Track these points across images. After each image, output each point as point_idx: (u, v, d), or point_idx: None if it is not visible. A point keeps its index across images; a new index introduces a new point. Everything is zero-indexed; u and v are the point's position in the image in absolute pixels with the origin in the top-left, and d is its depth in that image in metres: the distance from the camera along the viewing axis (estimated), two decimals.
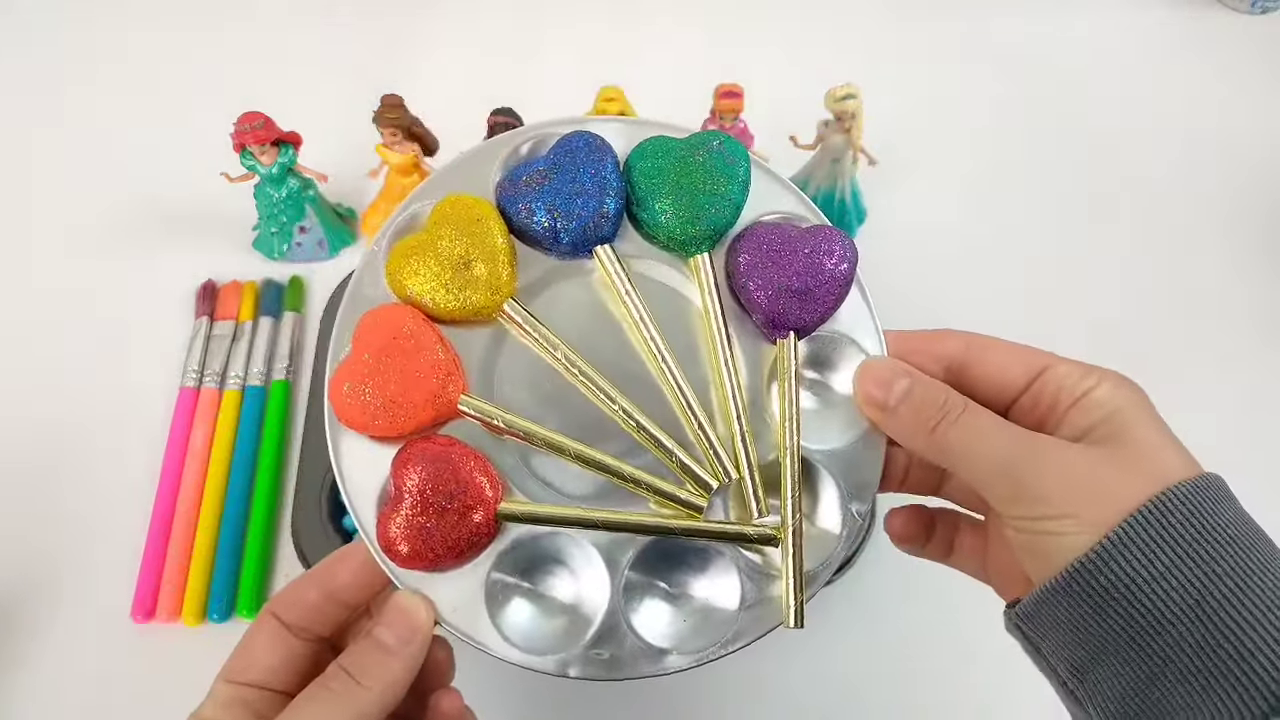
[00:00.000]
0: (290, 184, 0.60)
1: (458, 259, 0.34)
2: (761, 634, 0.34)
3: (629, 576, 0.33)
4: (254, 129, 0.56)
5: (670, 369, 0.35)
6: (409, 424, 0.33)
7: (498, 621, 0.33)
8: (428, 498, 0.32)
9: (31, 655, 0.51)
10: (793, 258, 0.35)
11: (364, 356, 0.33)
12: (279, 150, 0.58)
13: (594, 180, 0.35)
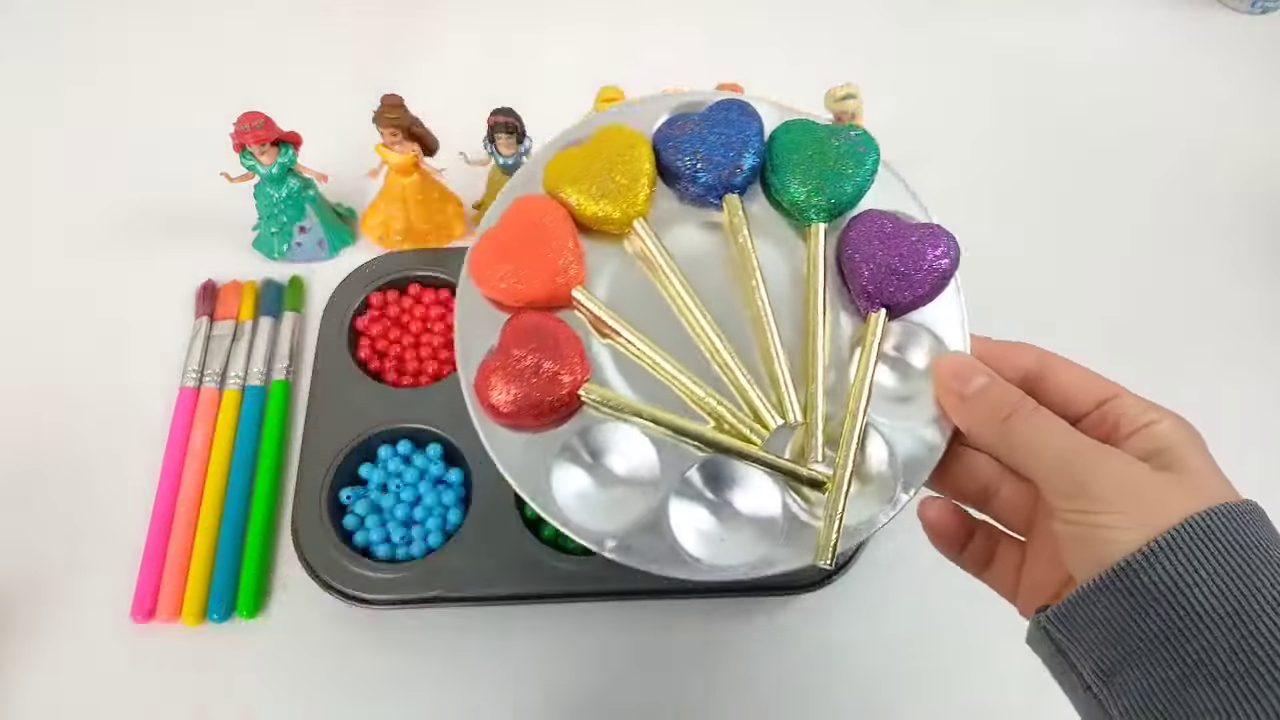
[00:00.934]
0: (290, 184, 0.60)
1: (605, 174, 0.39)
2: (791, 567, 0.35)
3: (681, 485, 0.36)
4: (254, 129, 0.56)
5: (767, 314, 0.38)
6: (527, 294, 0.37)
7: (556, 489, 0.36)
8: (525, 356, 0.36)
9: (31, 655, 0.51)
10: (900, 242, 0.38)
11: (508, 230, 0.38)
12: (279, 150, 0.58)
13: (739, 137, 0.39)
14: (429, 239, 0.63)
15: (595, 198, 0.38)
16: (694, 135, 0.39)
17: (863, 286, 0.38)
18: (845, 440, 0.36)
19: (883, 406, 0.37)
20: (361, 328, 0.60)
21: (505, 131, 0.57)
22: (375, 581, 0.50)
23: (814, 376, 0.37)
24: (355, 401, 0.56)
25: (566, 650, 0.52)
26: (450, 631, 0.52)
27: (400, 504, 0.53)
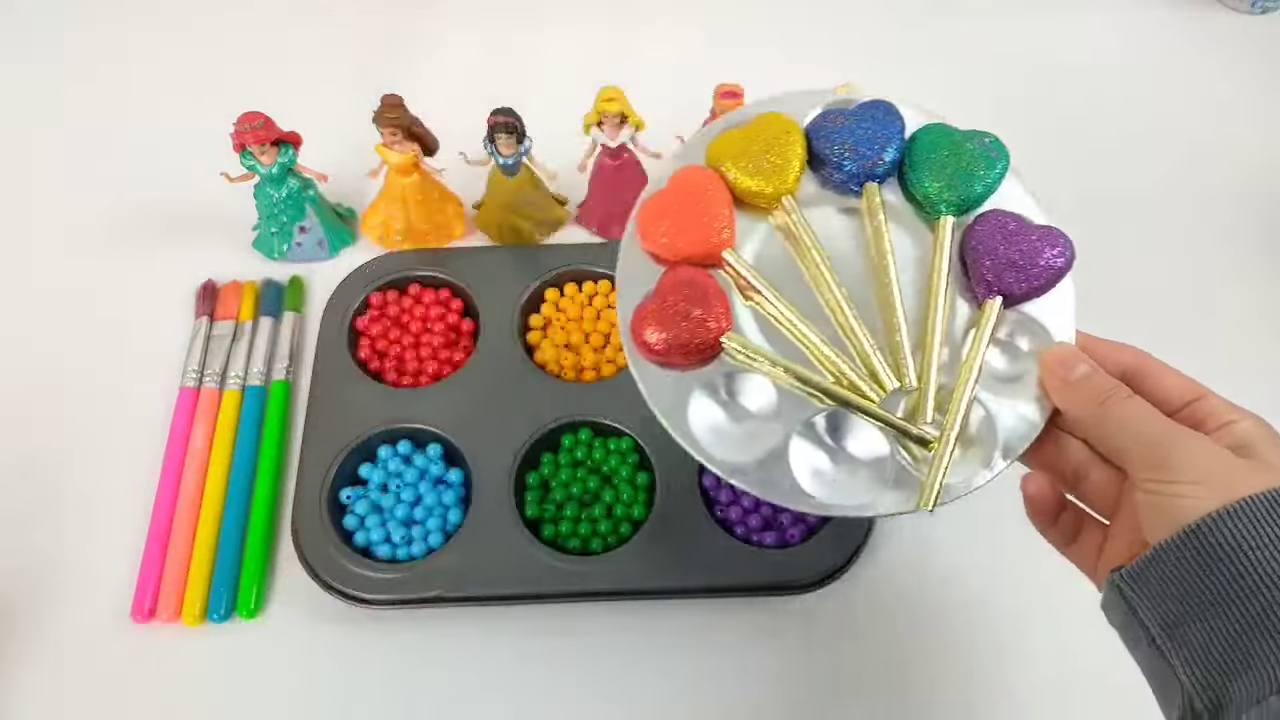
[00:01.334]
0: (290, 184, 0.60)
1: (761, 154, 0.44)
2: (892, 511, 0.40)
3: (803, 429, 0.41)
4: (254, 129, 0.56)
5: (895, 290, 0.42)
6: (684, 251, 0.42)
7: (691, 421, 0.41)
8: (678, 300, 0.41)
9: (32, 655, 0.51)
10: (1020, 239, 0.42)
11: (672, 194, 0.43)
12: (279, 150, 0.58)
13: (884, 133, 0.44)
14: (429, 239, 0.63)
15: (750, 174, 0.43)
16: (844, 128, 0.44)
17: (983, 276, 0.42)
18: (955, 407, 0.40)
19: (990, 383, 0.41)
20: (362, 328, 0.60)
21: (505, 131, 0.57)
22: (375, 581, 0.50)
23: (930, 349, 0.41)
24: (355, 401, 0.56)
25: (567, 650, 0.52)
26: (450, 631, 0.52)
27: (400, 504, 0.53)
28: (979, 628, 0.53)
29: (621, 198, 0.63)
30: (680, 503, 0.52)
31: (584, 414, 0.55)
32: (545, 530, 0.52)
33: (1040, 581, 0.54)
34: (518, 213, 0.62)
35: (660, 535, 0.52)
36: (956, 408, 0.40)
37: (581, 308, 0.60)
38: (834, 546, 0.51)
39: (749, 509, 0.53)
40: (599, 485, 0.54)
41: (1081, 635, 0.52)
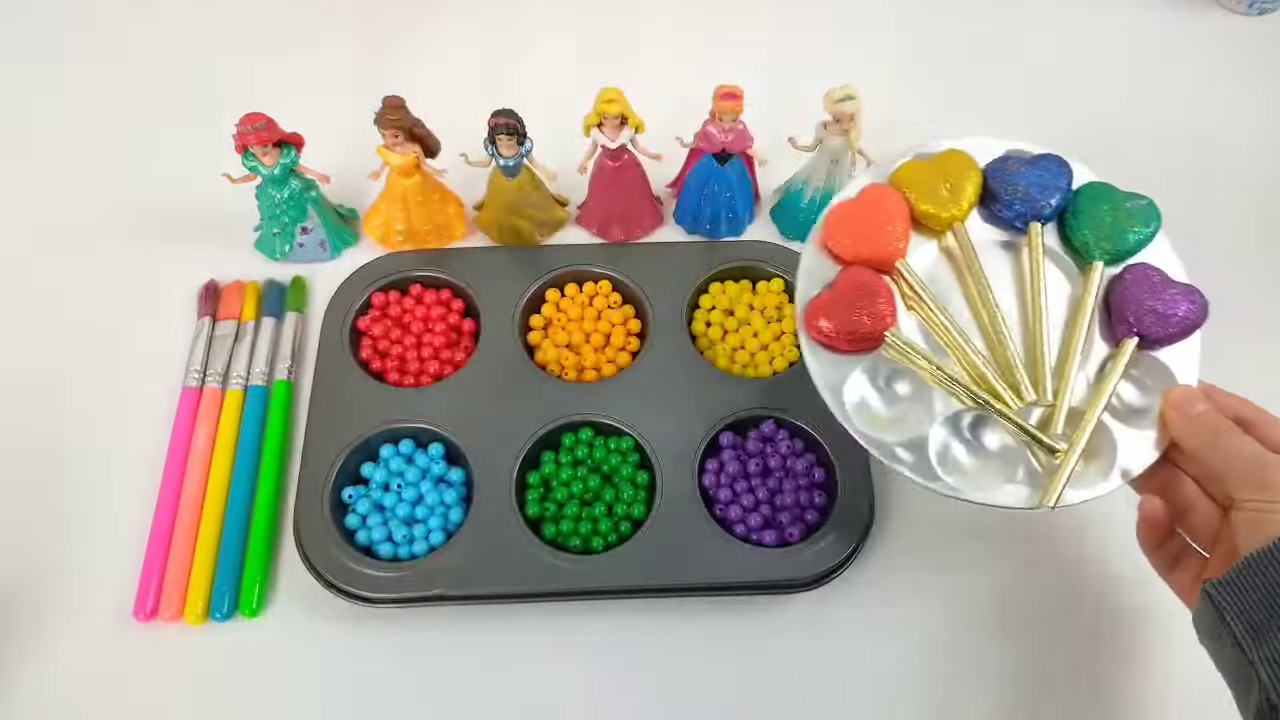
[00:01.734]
0: (292, 185, 0.60)
1: (939, 183, 0.51)
2: (1015, 505, 0.46)
3: (946, 422, 0.47)
4: (256, 130, 0.56)
5: (1044, 317, 0.48)
6: (862, 254, 0.49)
7: (846, 398, 0.47)
8: (849, 294, 0.48)
9: (34, 654, 0.51)
10: (1162, 292, 0.48)
11: (859, 205, 0.51)
12: (281, 151, 0.58)
13: (1054, 182, 0.51)
14: (430, 240, 0.64)
15: (929, 199, 0.50)
16: (1019, 173, 0.51)
17: (1125, 318, 0.48)
18: (1085, 424, 0.46)
19: (1117, 411, 0.47)
20: (363, 328, 0.60)
21: (506, 133, 0.57)
22: (377, 580, 0.51)
23: (1068, 372, 0.47)
24: (357, 401, 0.56)
25: (567, 649, 0.52)
26: (452, 630, 0.52)
27: (402, 503, 0.53)
28: (979, 626, 0.53)
29: (621, 199, 0.63)
30: (680, 502, 0.53)
31: (585, 413, 0.56)
32: (546, 529, 0.53)
33: (1040, 582, 0.54)
34: (518, 213, 0.62)
35: (660, 534, 0.52)
36: (1087, 425, 0.46)
37: (582, 308, 0.61)
38: (833, 545, 0.52)
39: (748, 508, 0.53)
40: (600, 484, 0.54)
41: (1082, 636, 0.53)
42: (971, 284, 0.50)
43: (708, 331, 0.60)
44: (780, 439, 0.55)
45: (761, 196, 0.67)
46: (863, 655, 0.52)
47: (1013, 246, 0.51)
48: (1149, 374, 0.48)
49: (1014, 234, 0.51)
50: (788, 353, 0.59)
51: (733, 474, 0.54)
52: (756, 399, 0.56)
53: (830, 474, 0.54)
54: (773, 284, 0.61)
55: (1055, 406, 0.47)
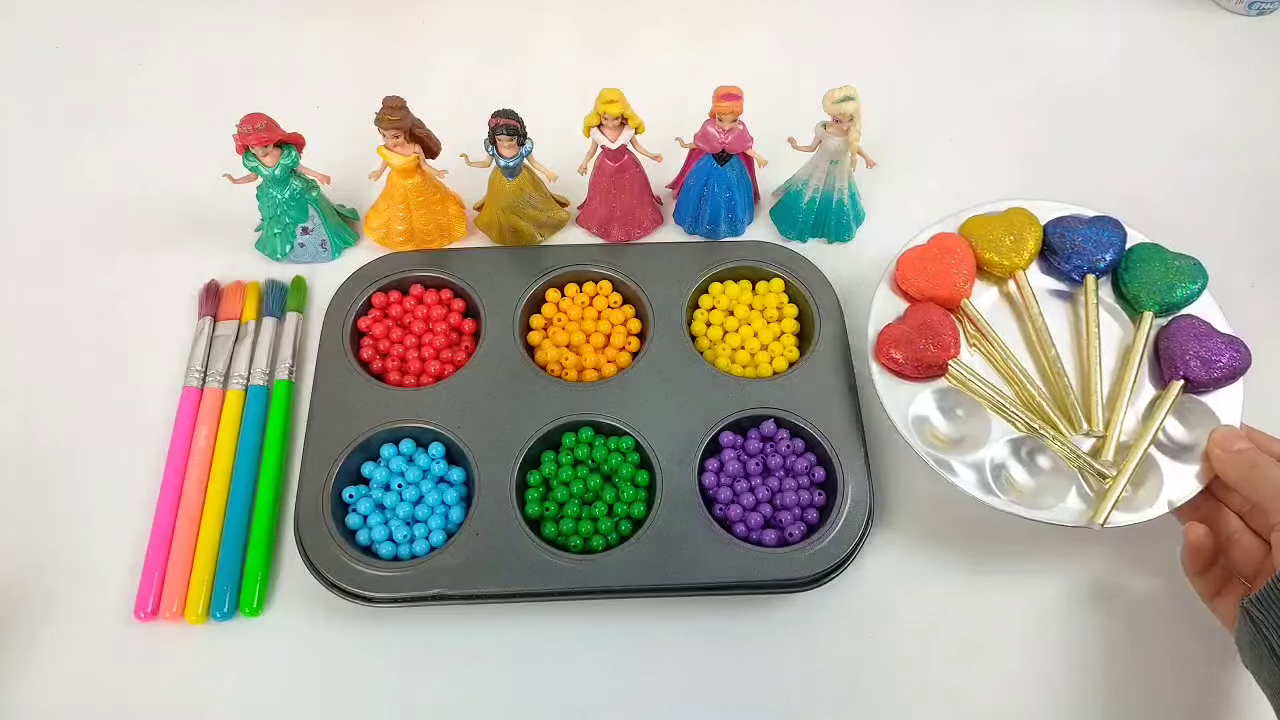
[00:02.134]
0: (293, 185, 0.60)
1: (1004, 235, 0.58)
2: (1064, 523, 0.50)
3: (1006, 444, 0.52)
4: (256, 130, 0.56)
5: (1098, 357, 0.55)
6: (931, 292, 0.56)
7: (911, 419, 0.53)
8: (918, 326, 0.54)
9: (36, 654, 0.51)
10: (1209, 341, 0.54)
11: (930, 249, 0.58)
12: (282, 152, 0.59)
13: (1109, 240, 0.57)
14: (431, 240, 0.64)
15: (993, 249, 0.57)
16: (1077, 230, 0.58)
17: (1174, 362, 0.54)
18: (1135, 453, 0.51)
19: (1164, 446, 0.53)
20: (364, 328, 0.60)
21: (506, 133, 0.57)
22: (378, 580, 0.51)
23: (1119, 407, 0.53)
24: (358, 401, 0.56)
25: (568, 649, 0.52)
26: (452, 629, 0.52)
27: (403, 503, 0.53)
28: (979, 625, 0.53)
29: (621, 199, 0.63)
30: (681, 502, 0.53)
31: (585, 413, 0.56)
32: (546, 529, 0.53)
33: (1040, 581, 0.54)
34: (519, 214, 0.62)
35: (661, 534, 0.52)
36: (1135, 454, 0.51)
37: (583, 308, 0.61)
38: (834, 544, 0.52)
39: (749, 508, 0.53)
40: (600, 484, 0.54)
41: (1082, 634, 0.53)
42: (1030, 326, 0.56)
43: (708, 331, 0.60)
44: (780, 438, 0.56)
45: (761, 197, 0.67)
46: (863, 654, 0.52)
47: (1068, 296, 0.58)
48: (1194, 415, 0.53)
49: (1071, 285, 0.58)
50: (788, 352, 0.59)
51: (733, 473, 0.54)
52: (756, 398, 0.56)
53: (830, 473, 0.54)
54: (773, 284, 0.61)
55: (1106, 437, 0.52)
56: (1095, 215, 0.58)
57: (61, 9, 0.79)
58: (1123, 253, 0.57)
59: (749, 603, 0.53)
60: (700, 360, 0.58)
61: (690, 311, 0.61)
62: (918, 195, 0.68)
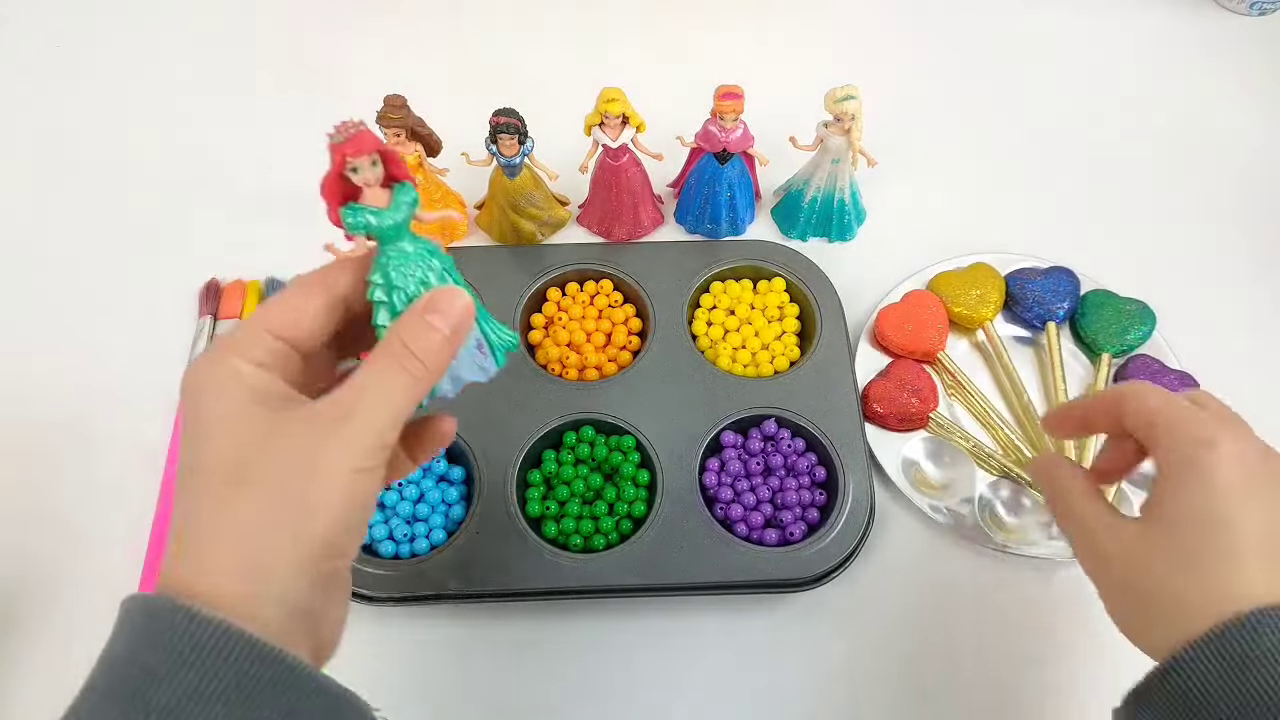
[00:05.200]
0: (423, 245, 0.36)
1: (969, 289, 0.61)
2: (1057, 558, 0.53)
3: (988, 487, 0.56)
4: (366, 154, 0.33)
5: (1066, 399, 0.58)
6: (909, 347, 0.59)
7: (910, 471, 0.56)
8: (902, 382, 0.58)
9: (36, 653, 0.51)
10: (1162, 378, 0.58)
11: (905, 306, 0.61)
12: (391, 191, 0.35)
13: (1065, 289, 0.61)
14: (432, 239, 0.63)
15: (961, 303, 0.61)
16: (1036, 281, 0.61)
17: None
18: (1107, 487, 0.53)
19: (1134, 480, 0.55)
20: None
21: (507, 132, 0.57)
22: (378, 578, 0.51)
23: (1089, 444, 0.56)
24: None
25: (568, 648, 0.52)
26: (453, 628, 0.52)
27: (403, 501, 0.53)
28: (980, 624, 0.53)
29: (623, 198, 0.63)
30: (682, 501, 0.53)
31: (586, 412, 0.56)
32: (548, 527, 0.53)
33: (1040, 582, 0.54)
34: (520, 213, 0.62)
35: (662, 533, 0.52)
36: (1109, 488, 0.53)
37: (584, 307, 0.61)
38: (835, 544, 0.52)
39: (750, 507, 0.53)
40: (601, 483, 0.54)
41: (1084, 634, 0.53)
42: (1002, 372, 0.60)
43: (709, 331, 0.60)
44: (782, 438, 0.56)
45: (762, 196, 0.67)
46: (864, 654, 0.52)
47: (1032, 341, 0.62)
48: None
49: (1034, 331, 0.62)
50: (789, 352, 0.59)
51: (734, 473, 0.54)
52: (758, 398, 0.56)
53: (831, 473, 0.54)
54: (774, 283, 0.61)
55: None
56: (1050, 266, 0.62)
57: (63, 4, 0.79)
58: (1078, 300, 0.61)
59: (750, 602, 0.53)
60: (701, 359, 0.58)
61: (691, 311, 0.61)
62: (920, 195, 0.68)
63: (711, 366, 0.58)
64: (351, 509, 0.30)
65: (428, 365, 0.32)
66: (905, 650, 0.52)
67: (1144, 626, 0.36)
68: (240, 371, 0.31)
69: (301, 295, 0.33)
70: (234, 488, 0.29)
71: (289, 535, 0.29)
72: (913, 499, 0.55)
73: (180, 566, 0.30)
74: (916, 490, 0.55)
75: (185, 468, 0.31)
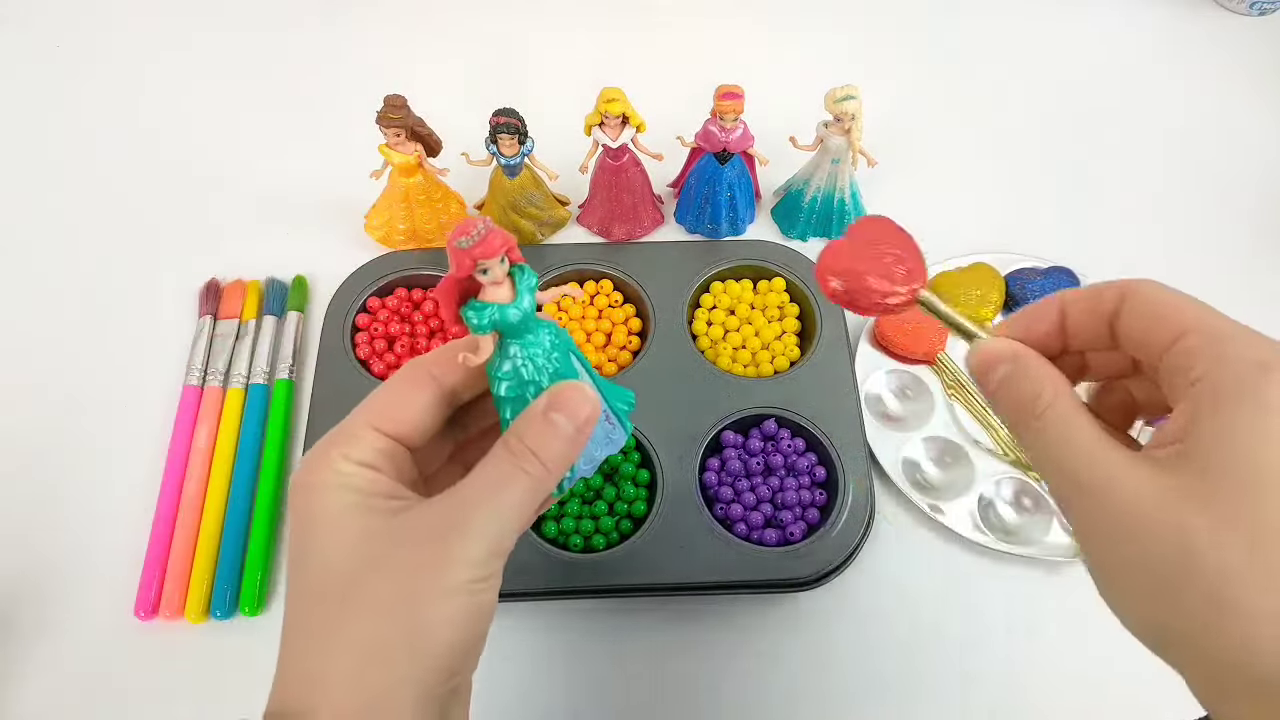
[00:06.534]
0: (549, 329, 0.33)
1: (970, 289, 0.61)
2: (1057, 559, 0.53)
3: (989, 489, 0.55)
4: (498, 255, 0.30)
5: None
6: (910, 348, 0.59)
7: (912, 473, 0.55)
8: (872, 241, 0.35)
9: (35, 652, 0.51)
10: None
11: None
12: (514, 281, 0.32)
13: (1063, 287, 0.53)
14: (432, 239, 0.64)
15: (960, 303, 0.60)
16: (1036, 281, 0.61)
17: None
18: None
19: None
20: (364, 327, 0.60)
21: (507, 132, 0.57)
22: None
23: None
24: (358, 400, 0.56)
25: (568, 647, 0.52)
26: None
27: None
28: (981, 625, 0.53)
29: (623, 198, 0.63)
30: (682, 500, 0.53)
31: None
32: (547, 527, 0.53)
33: (1041, 582, 0.54)
34: (520, 213, 0.62)
35: (662, 533, 0.52)
36: None
37: (584, 307, 0.61)
38: (835, 543, 0.52)
39: (750, 507, 0.53)
40: (601, 482, 0.54)
41: (1085, 635, 0.52)
42: None
43: (709, 331, 0.60)
44: (782, 438, 0.55)
45: (762, 196, 0.67)
46: (864, 654, 0.52)
47: None
48: None
49: None
50: (789, 352, 0.59)
51: (734, 472, 0.54)
52: (758, 398, 0.56)
53: (831, 472, 0.54)
54: (774, 283, 0.61)
55: None
56: (1050, 266, 0.62)
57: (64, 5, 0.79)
58: None
59: (750, 602, 0.53)
60: (701, 359, 0.58)
61: (691, 310, 0.61)
62: (920, 195, 0.68)
63: (711, 366, 0.58)
64: (470, 626, 0.28)
65: (549, 467, 0.30)
66: (905, 651, 0.52)
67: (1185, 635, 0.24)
68: (346, 475, 0.29)
69: (407, 389, 0.31)
70: (345, 610, 0.28)
71: (404, 664, 0.27)
72: (913, 499, 0.55)
73: (293, 692, 0.28)
74: (916, 490, 0.55)
75: (294, 582, 0.29)
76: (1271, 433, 0.24)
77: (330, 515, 0.29)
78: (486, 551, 0.28)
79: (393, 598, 0.28)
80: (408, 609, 0.28)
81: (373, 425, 0.30)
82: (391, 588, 0.28)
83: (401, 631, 0.27)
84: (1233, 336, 0.26)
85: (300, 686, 0.28)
